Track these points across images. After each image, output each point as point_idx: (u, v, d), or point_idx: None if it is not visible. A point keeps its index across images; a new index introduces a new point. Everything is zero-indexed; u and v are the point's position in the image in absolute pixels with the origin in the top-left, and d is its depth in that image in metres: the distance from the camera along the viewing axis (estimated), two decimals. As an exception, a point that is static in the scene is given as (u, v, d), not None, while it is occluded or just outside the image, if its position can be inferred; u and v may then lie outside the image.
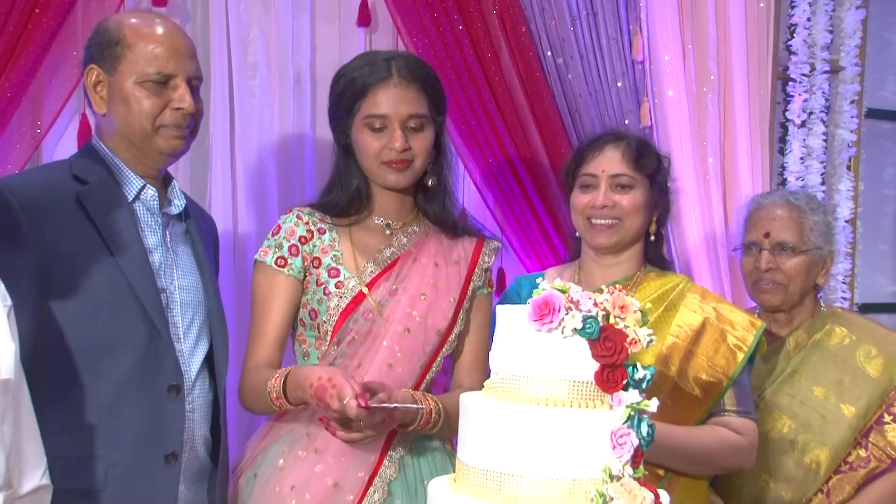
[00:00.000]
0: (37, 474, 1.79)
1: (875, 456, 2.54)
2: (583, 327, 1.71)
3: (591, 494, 1.67)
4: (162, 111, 2.11)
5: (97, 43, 2.13)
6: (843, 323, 2.67)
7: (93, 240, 2.06)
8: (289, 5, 2.96)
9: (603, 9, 3.03)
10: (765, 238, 2.63)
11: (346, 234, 2.36)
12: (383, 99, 2.28)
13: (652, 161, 2.43)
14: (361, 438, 2.11)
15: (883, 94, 3.97)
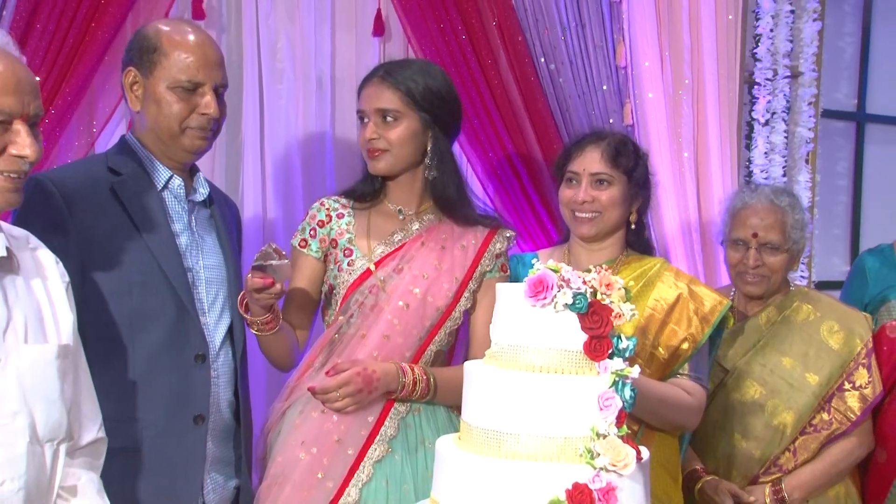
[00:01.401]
0: (94, 428, 1.81)
1: (836, 419, 2.53)
2: (573, 303, 1.71)
3: (581, 451, 1.67)
4: (189, 115, 2.11)
5: (136, 48, 2.13)
6: (810, 301, 2.65)
7: (125, 225, 2.06)
8: (312, 18, 2.96)
9: (590, 20, 3.02)
10: (753, 238, 2.59)
11: (364, 218, 2.37)
12: (363, 96, 2.34)
13: (629, 159, 2.41)
14: (344, 407, 2.16)
15: (837, 96, 3.97)
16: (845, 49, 4.01)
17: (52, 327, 1.70)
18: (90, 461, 1.79)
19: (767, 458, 2.53)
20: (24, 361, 1.62)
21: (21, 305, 1.65)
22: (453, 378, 2.17)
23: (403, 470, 2.21)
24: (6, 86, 1.56)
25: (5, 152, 1.58)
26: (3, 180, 1.59)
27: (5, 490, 1.57)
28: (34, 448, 1.61)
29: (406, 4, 2.91)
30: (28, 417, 1.61)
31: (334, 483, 2.17)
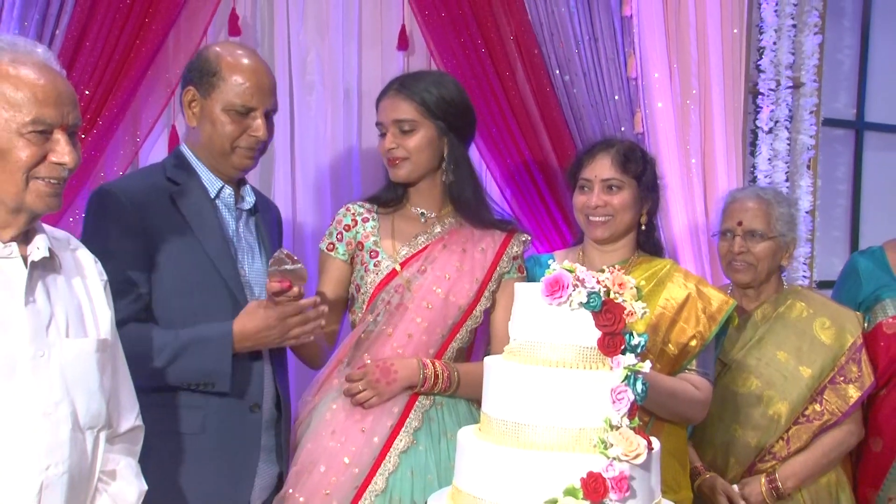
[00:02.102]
0: (132, 416, 1.83)
1: (828, 410, 2.52)
2: (587, 301, 1.71)
3: (595, 441, 1.67)
4: (240, 135, 2.15)
5: (197, 69, 2.16)
6: (803, 298, 2.64)
7: (185, 231, 2.10)
8: (340, 34, 2.96)
9: (602, 34, 3.01)
10: (738, 226, 2.60)
11: (388, 222, 2.37)
12: (381, 109, 2.34)
13: (638, 164, 2.41)
14: (366, 399, 2.18)
15: (836, 105, 3.94)
16: (844, 61, 3.99)
17: (92, 323, 1.72)
18: (128, 447, 1.82)
19: (763, 446, 2.52)
20: (66, 355, 1.65)
21: (63, 303, 1.68)
22: (474, 372, 2.18)
23: (427, 460, 2.21)
24: (47, 98, 1.59)
25: (46, 160, 1.60)
26: (44, 185, 1.61)
27: (51, 474, 1.59)
28: (76, 435, 1.64)
29: (429, 20, 2.91)
30: (70, 407, 1.63)
31: (361, 470, 2.16)
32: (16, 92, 1.57)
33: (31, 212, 1.63)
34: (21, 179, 1.59)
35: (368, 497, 2.14)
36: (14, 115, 1.57)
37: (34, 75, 1.59)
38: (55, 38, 2.58)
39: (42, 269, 1.66)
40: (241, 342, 2.07)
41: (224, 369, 2.05)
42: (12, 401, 1.57)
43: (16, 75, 1.58)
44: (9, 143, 1.57)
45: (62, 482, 1.61)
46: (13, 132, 1.57)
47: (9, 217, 1.62)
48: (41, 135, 1.59)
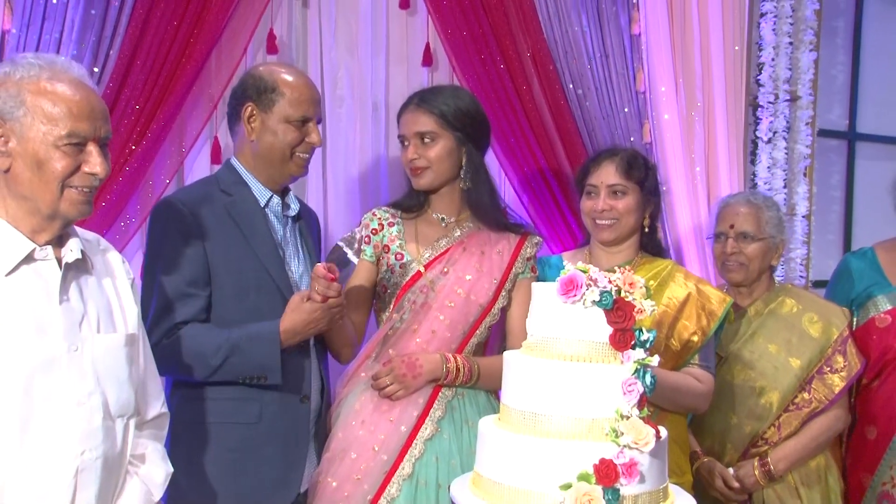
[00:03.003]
0: (157, 404, 1.84)
1: (816, 398, 2.50)
2: (600, 300, 1.69)
3: (606, 430, 1.65)
4: (298, 144, 2.18)
5: (254, 87, 2.18)
6: (793, 295, 2.63)
7: (239, 238, 2.13)
8: (368, 51, 2.96)
9: (613, 51, 2.98)
10: (730, 229, 2.59)
11: (411, 227, 2.36)
12: (403, 122, 2.34)
13: (641, 171, 2.40)
14: (393, 392, 2.18)
15: (830, 117, 3.90)
16: (837, 76, 3.96)
17: (121, 319, 1.74)
18: (155, 433, 1.83)
19: (756, 432, 2.50)
20: (97, 349, 1.66)
21: (94, 300, 1.69)
22: (492, 366, 2.18)
23: (451, 447, 2.19)
24: (82, 113, 1.59)
25: (79, 170, 1.61)
26: (77, 193, 1.62)
27: (86, 458, 1.61)
28: (107, 423, 1.66)
29: (451, 39, 2.89)
30: (101, 396, 1.65)
31: (389, 456, 2.15)
32: (53, 107, 1.57)
33: (64, 218, 1.64)
34: (56, 188, 1.59)
35: (396, 481, 2.13)
36: (51, 128, 1.57)
37: (70, 92, 1.59)
38: (109, 58, 2.60)
39: (75, 270, 1.67)
40: (290, 338, 2.08)
41: (274, 364, 2.05)
42: (49, 392, 1.59)
43: (53, 91, 1.58)
44: (46, 155, 1.58)
45: (96, 466, 1.63)
46: (50, 144, 1.58)
47: (44, 223, 1.63)
48: (75, 147, 1.60)
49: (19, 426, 1.56)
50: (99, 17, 2.56)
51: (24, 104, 1.57)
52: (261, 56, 2.84)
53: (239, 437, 2.07)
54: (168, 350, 2.03)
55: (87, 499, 1.61)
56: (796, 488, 2.48)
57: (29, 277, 1.61)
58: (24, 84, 1.58)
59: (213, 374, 2.05)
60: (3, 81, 1.59)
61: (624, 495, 1.62)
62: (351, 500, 2.12)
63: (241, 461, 2.06)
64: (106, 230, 2.65)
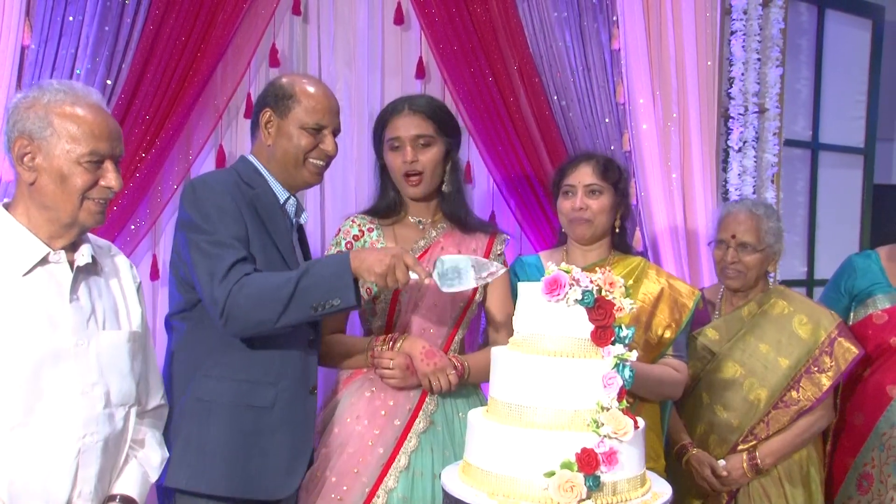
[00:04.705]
0: (157, 396, 1.92)
1: (804, 397, 2.47)
2: (582, 298, 1.68)
3: (588, 421, 1.64)
4: (312, 150, 2.10)
5: (273, 94, 2.11)
6: (785, 297, 2.59)
7: (262, 229, 2.04)
8: (365, 64, 2.93)
9: (594, 65, 2.96)
10: (732, 238, 2.55)
11: (390, 231, 2.30)
12: (398, 125, 2.25)
13: (615, 173, 2.38)
14: (399, 379, 2.13)
15: (795, 128, 3.88)
16: (801, 90, 3.94)
17: (125, 318, 1.81)
18: (154, 421, 1.90)
19: (745, 427, 2.47)
20: (102, 344, 1.74)
21: (101, 301, 1.77)
22: (480, 363, 2.16)
23: (444, 438, 2.15)
24: (101, 134, 1.70)
25: (97, 184, 1.71)
26: (94, 205, 1.72)
27: (87, 442, 1.70)
28: (109, 410, 1.73)
29: (443, 53, 2.87)
30: (104, 387, 1.73)
31: (385, 449, 2.11)
32: (77, 129, 1.67)
33: (81, 226, 1.73)
34: (77, 200, 1.69)
35: (393, 473, 2.09)
36: (74, 147, 1.67)
37: (91, 115, 1.69)
38: (121, 71, 2.59)
39: (86, 273, 1.76)
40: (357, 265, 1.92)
41: (346, 282, 1.91)
42: (57, 381, 1.67)
43: (76, 115, 1.68)
44: (69, 171, 1.67)
45: (97, 448, 1.71)
46: (73, 161, 1.67)
47: (61, 230, 1.72)
48: (95, 164, 1.69)
49: (27, 410, 1.64)
50: (112, 32, 2.55)
51: (51, 125, 1.66)
52: (264, 69, 2.82)
53: (253, 420, 1.99)
54: (239, 297, 1.88)
55: (88, 476, 1.70)
56: (780, 481, 2.46)
57: (43, 278, 1.69)
58: (51, 107, 1.67)
59: (286, 307, 1.88)
60: (32, 105, 1.68)
61: (604, 482, 1.61)
62: (350, 493, 2.07)
63: (253, 445, 1.99)
64: (117, 233, 2.63)
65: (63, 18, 2.50)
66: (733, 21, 3.24)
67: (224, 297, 1.88)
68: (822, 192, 4.01)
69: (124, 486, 1.77)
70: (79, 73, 2.51)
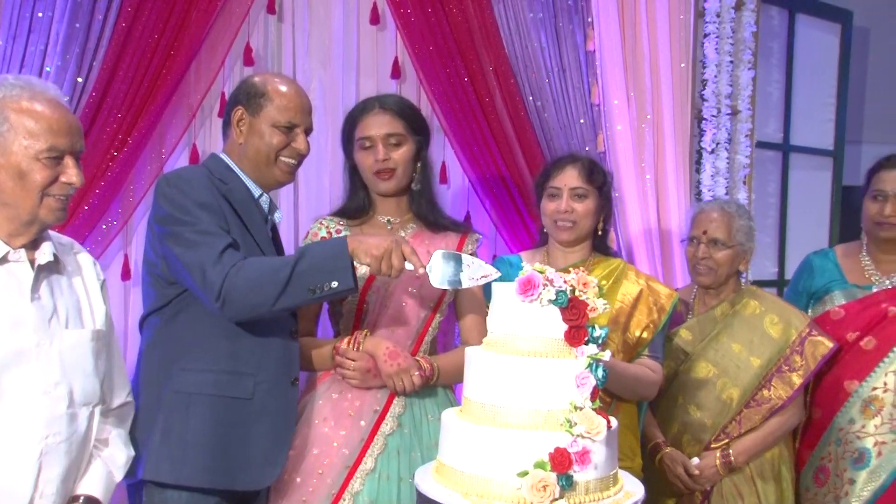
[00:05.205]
0: (123, 394, 1.88)
1: (775, 396, 2.48)
2: (556, 298, 1.67)
3: (561, 421, 1.63)
4: (284, 148, 2.07)
5: (245, 92, 2.08)
6: (756, 297, 2.60)
7: (239, 223, 2.01)
8: (340, 64, 2.92)
9: (569, 66, 2.96)
10: (703, 234, 2.56)
11: (358, 232, 2.25)
12: (369, 124, 2.23)
13: (600, 176, 2.37)
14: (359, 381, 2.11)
15: (767, 130, 3.91)
16: (773, 93, 3.97)
17: (89, 316, 1.78)
18: (119, 420, 1.87)
19: (718, 426, 2.48)
20: (65, 343, 1.71)
21: (64, 299, 1.73)
22: (449, 364, 2.15)
23: (412, 441, 2.12)
24: (60, 129, 1.65)
25: (57, 180, 1.67)
26: (54, 201, 1.67)
27: (49, 442, 1.66)
28: (72, 410, 1.70)
29: (419, 53, 2.86)
30: (67, 387, 1.69)
31: (351, 452, 2.08)
32: (35, 124, 1.63)
33: (42, 224, 1.69)
34: (36, 196, 1.65)
35: (359, 476, 2.06)
36: (32, 143, 1.63)
37: (49, 110, 1.65)
38: (92, 69, 2.56)
39: (48, 271, 1.72)
40: (355, 246, 1.90)
41: (344, 264, 1.87)
42: (18, 381, 1.64)
43: (33, 110, 1.64)
44: (28, 167, 1.63)
45: (60, 449, 1.68)
46: (31, 157, 1.63)
47: (21, 228, 1.68)
48: (54, 160, 1.65)
49: None
50: (83, 30, 2.52)
51: (7, 121, 1.62)
52: (238, 68, 2.80)
53: (232, 411, 1.96)
54: (237, 280, 1.85)
55: (52, 477, 1.67)
56: (753, 479, 2.47)
57: (3, 277, 1.66)
58: (7, 103, 1.63)
59: (283, 289, 1.84)
60: None
61: (577, 481, 1.60)
62: (315, 495, 2.04)
63: (232, 435, 1.96)
64: (88, 233, 2.59)
65: (32, 14, 2.46)
66: (706, 24, 3.26)
67: (221, 279, 1.85)
68: (792, 194, 4.04)
69: (88, 487, 1.74)
70: (48, 70, 2.47)
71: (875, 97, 4.73)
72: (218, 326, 1.95)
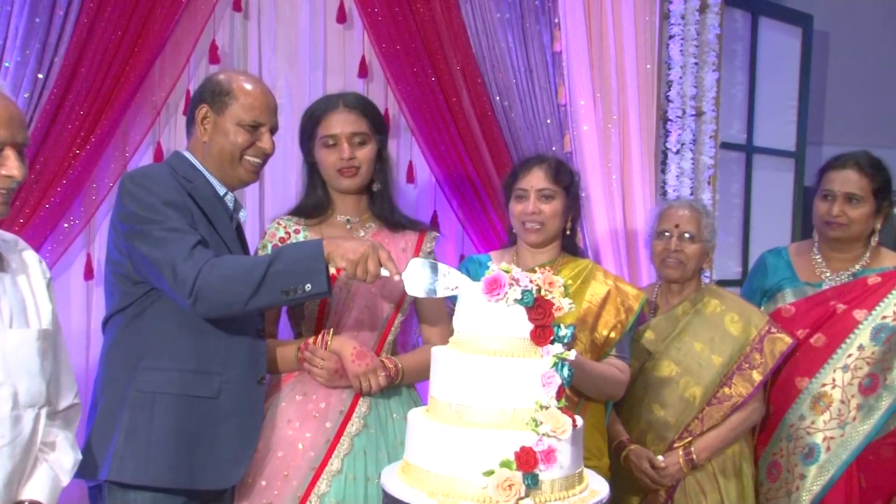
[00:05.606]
0: (70, 395, 1.80)
1: (736, 393, 2.50)
2: (521, 298, 1.67)
3: (527, 420, 1.63)
4: (249, 147, 2.04)
5: (210, 90, 2.04)
6: (717, 296, 2.62)
7: (205, 221, 1.98)
8: (307, 62, 2.90)
9: (536, 66, 2.97)
10: (675, 228, 2.58)
11: (317, 232, 2.23)
12: (334, 122, 2.20)
13: (567, 177, 2.37)
14: (326, 380, 2.10)
15: (731, 131, 3.95)
16: (737, 94, 4.01)
17: (34, 315, 1.71)
18: (66, 423, 1.80)
19: (681, 425, 2.50)
20: (9, 343, 1.64)
21: (8, 297, 1.66)
22: (414, 363, 2.14)
23: (378, 441, 2.11)
24: (1, 120, 1.57)
25: None
26: None
27: None
28: (16, 413, 1.64)
29: (386, 52, 2.85)
30: (11, 388, 1.63)
31: (316, 453, 2.06)
32: None
33: None
34: None
35: (326, 477, 2.04)
36: None
37: None
38: (53, 64, 2.51)
39: None
40: (332, 249, 1.87)
41: (319, 267, 1.84)
42: None
43: None
44: None
45: (3, 453, 1.61)
46: None
47: None
48: None
49: None
50: (43, 25, 2.47)
51: None
52: (203, 66, 2.76)
53: (198, 410, 1.93)
54: (210, 277, 1.82)
55: None
56: (715, 476, 2.49)
57: None
58: None
59: (256, 289, 1.82)
60: None
61: (542, 480, 1.61)
62: (281, 498, 2.02)
63: (198, 435, 1.92)
64: (49, 231, 2.54)
65: (-10, 9, 2.41)
66: (671, 26, 3.28)
67: (194, 276, 1.82)
68: (756, 194, 4.10)
69: (33, 492, 1.67)
70: (7, 65, 2.43)
71: (835, 99, 4.82)
72: (184, 325, 1.93)
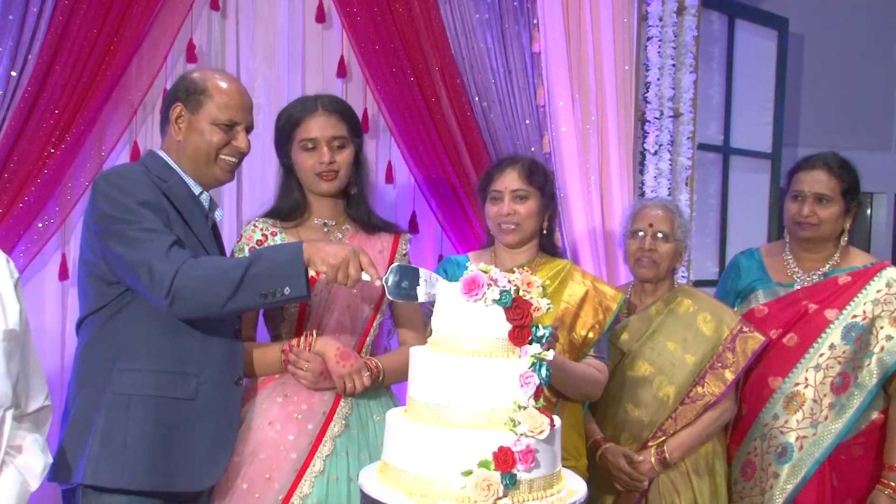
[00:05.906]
0: (40, 397, 1.76)
1: (709, 392, 2.51)
2: (500, 298, 1.67)
3: (505, 420, 1.63)
4: (224, 146, 2.02)
5: (184, 88, 2.02)
6: (690, 296, 2.64)
7: (180, 221, 1.96)
8: (285, 61, 2.88)
9: (515, 67, 2.98)
10: (649, 227, 2.58)
11: (294, 234, 2.21)
12: (313, 126, 2.18)
13: (541, 176, 2.37)
14: (311, 382, 2.08)
15: (708, 133, 3.99)
16: (714, 96, 4.05)
17: (1, 315, 1.65)
18: (35, 425, 1.76)
19: (655, 424, 2.51)
20: None
21: None
22: (394, 364, 2.13)
23: (359, 441, 2.10)
24: None
25: None
26: None
27: None
28: None
29: (365, 52, 2.84)
30: None
31: (298, 455, 2.05)
32: None
33: None
34: None
35: (308, 479, 2.02)
36: None
37: None
38: (28, 61, 2.48)
39: None
40: (312, 253, 1.86)
41: (298, 270, 1.83)
42: None
43: None
44: None
45: None
46: None
47: None
48: None
49: None
50: (17, 21, 2.44)
51: None
52: (181, 64, 2.74)
53: (174, 412, 1.91)
54: (188, 278, 1.80)
55: None
56: (688, 475, 2.50)
57: None
58: None
59: (234, 292, 1.80)
60: None
61: (520, 480, 1.60)
62: (263, 500, 2.00)
63: (174, 436, 1.90)
64: (23, 231, 2.51)
65: (-38, 6, 2.38)
66: (649, 27, 3.30)
67: (171, 275, 1.80)
68: (732, 195, 4.13)
69: None
70: (-21, 63, 2.39)
71: (810, 101, 4.88)
72: (159, 326, 1.91)
